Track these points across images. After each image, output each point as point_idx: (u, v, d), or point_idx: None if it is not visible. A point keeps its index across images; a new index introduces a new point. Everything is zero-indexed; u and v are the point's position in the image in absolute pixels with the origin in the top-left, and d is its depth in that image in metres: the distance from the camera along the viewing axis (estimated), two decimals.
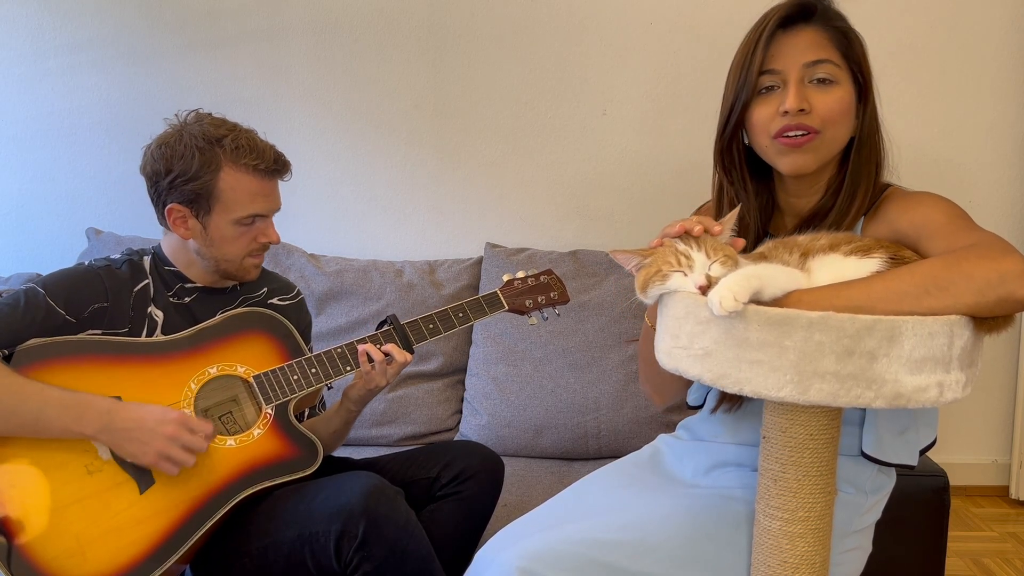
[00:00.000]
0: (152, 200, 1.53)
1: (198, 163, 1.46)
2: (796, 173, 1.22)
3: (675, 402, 1.38)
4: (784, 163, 1.22)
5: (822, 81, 1.18)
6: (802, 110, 1.17)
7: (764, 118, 1.21)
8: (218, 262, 1.54)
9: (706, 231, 1.07)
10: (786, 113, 1.18)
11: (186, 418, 1.38)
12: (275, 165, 1.52)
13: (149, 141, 1.52)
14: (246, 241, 1.53)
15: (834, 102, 1.18)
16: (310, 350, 1.72)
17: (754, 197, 1.28)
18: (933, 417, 1.25)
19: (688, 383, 1.36)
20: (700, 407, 1.38)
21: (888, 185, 1.25)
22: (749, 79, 1.20)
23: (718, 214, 1.30)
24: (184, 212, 1.49)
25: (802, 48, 1.19)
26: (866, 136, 1.22)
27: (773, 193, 1.31)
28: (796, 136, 1.18)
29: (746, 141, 1.27)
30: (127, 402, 1.38)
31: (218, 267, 1.54)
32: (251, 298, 1.65)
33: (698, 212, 1.40)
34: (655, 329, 1.28)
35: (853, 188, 1.22)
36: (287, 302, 1.70)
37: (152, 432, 1.35)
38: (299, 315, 1.72)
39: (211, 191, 1.47)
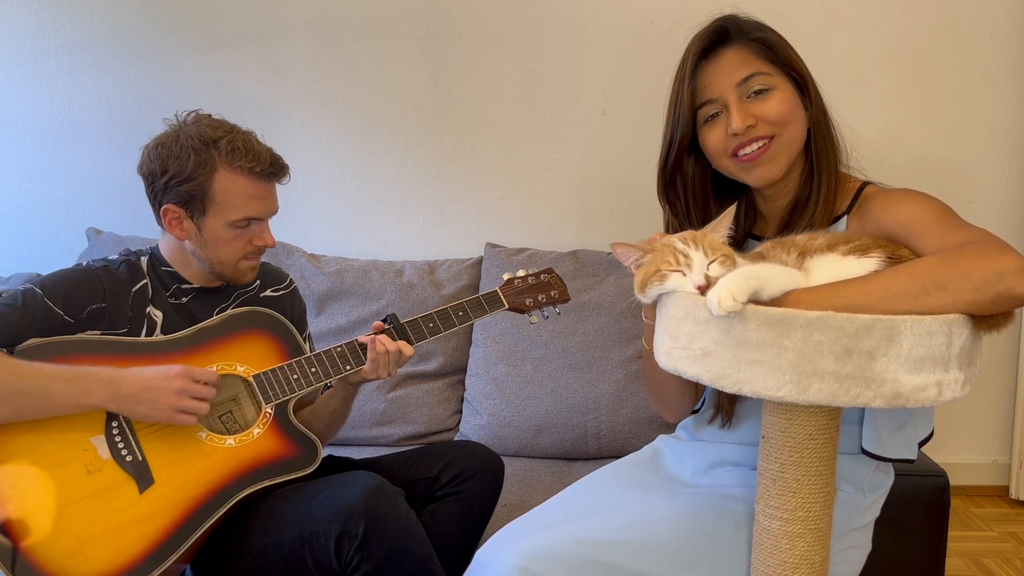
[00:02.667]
0: (149, 200, 1.53)
1: (193, 164, 1.45)
2: (767, 183, 1.25)
3: (687, 415, 1.40)
4: (752, 177, 1.25)
5: (759, 92, 1.22)
6: (750, 126, 1.21)
7: (718, 142, 1.25)
8: (213, 264, 1.53)
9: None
10: (735, 134, 1.21)
11: (189, 369, 1.39)
12: (271, 168, 1.51)
13: (148, 141, 1.52)
14: (241, 244, 1.52)
15: (777, 105, 1.21)
16: (306, 338, 1.72)
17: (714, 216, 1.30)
18: (929, 411, 1.26)
19: (697, 396, 1.37)
20: (699, 410, 1.38)
21: (867, 183, 1.26)
22: (682, 115, 1.25)
23: None
24: (179, 213, 1.49)
25: (728, 70, 1.23)
26: (815, 124, 1.25)
27: (751, 204, 1.34)
28: (753, 151, 1.22)
29: (714, 166, 1.30)
30: (129, 368, 1.39)
31: (213, 269, 1.54)
32: (245, 292, 1.65)
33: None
34: None
35: (818, 174, 1.25)
36: (280, 292, 1.71)
37: (160, 389, 1.36)
38: (292, 304, 1.72)
39: (206, 193, 1.46)
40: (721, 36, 1.25)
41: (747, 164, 1.23)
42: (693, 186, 1.32)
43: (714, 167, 1.30)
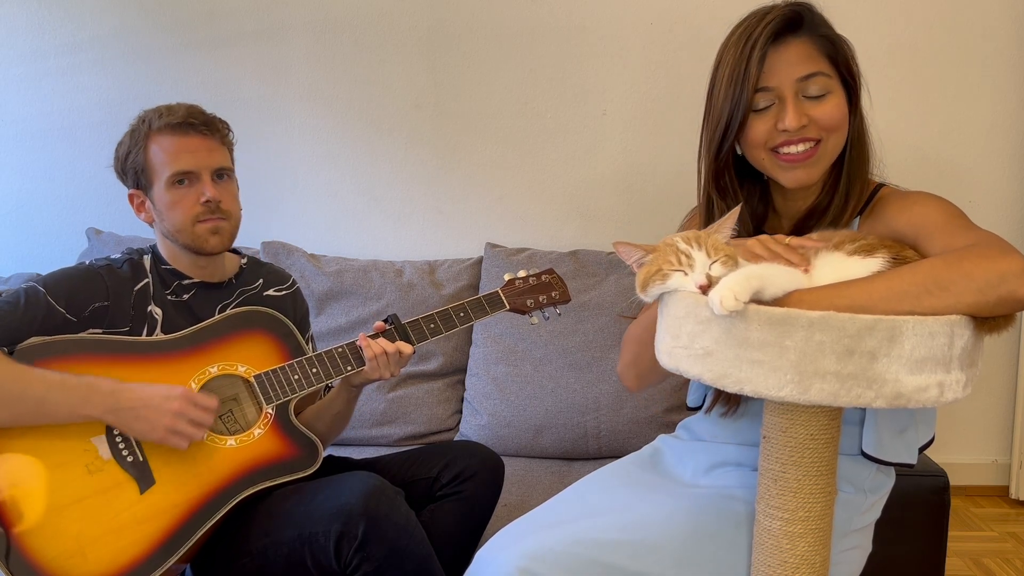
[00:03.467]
0: None
1: (130, 140, 1.54)
2: (800, 186, 1.22)
3: (649, 387, 1.37)
4: (787, 178, 1.22)
5: (816, 93, 1.18)
6: (803, 126, 1.17)
7: (761, 134, 1.20)
8: (175, 236, 1.54)
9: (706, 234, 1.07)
10: (785, 131, 1.18)
11: (190, 393, 1.40)
12: (190, 118, 1.52)
13: None
14: (187, 204, 1.51)
15: (832, 110, 1.18)
16: (308, 339, 1.72)
17: (744, 203, 1.28)
18: (931, 415, 1.25)
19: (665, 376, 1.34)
20: (700, 408, 1.38)
21: (881, 185, 1.25)
22: (744, 98, 1.17)
23: (705, 225, 1.29)
24: (141, 196, 1.56)
25: (793, 63, 1.17)
26: (856, 136, 1.23)
27: (766, 195, 1.31)
28: (799, 152, 1.18)
29: (739, 151, 1.26)
30: (131, 383, 1.39)
31: (177, 241, 1.54)
32: (248, 291, 1.65)
33: (688, 221, 1.41)
34: None
35: (848, 187, 1.23)
36: (283, 292, 1.71)
37: (158, 409, 1.36)
38: (295, 304, 1.72)
39: (144, 165, 1.52)
40: (793, 23, 1.18)
41: (787, 164, 1.20)
42: (735, 162, 1.26)
43: (742, 153, 1.25)
